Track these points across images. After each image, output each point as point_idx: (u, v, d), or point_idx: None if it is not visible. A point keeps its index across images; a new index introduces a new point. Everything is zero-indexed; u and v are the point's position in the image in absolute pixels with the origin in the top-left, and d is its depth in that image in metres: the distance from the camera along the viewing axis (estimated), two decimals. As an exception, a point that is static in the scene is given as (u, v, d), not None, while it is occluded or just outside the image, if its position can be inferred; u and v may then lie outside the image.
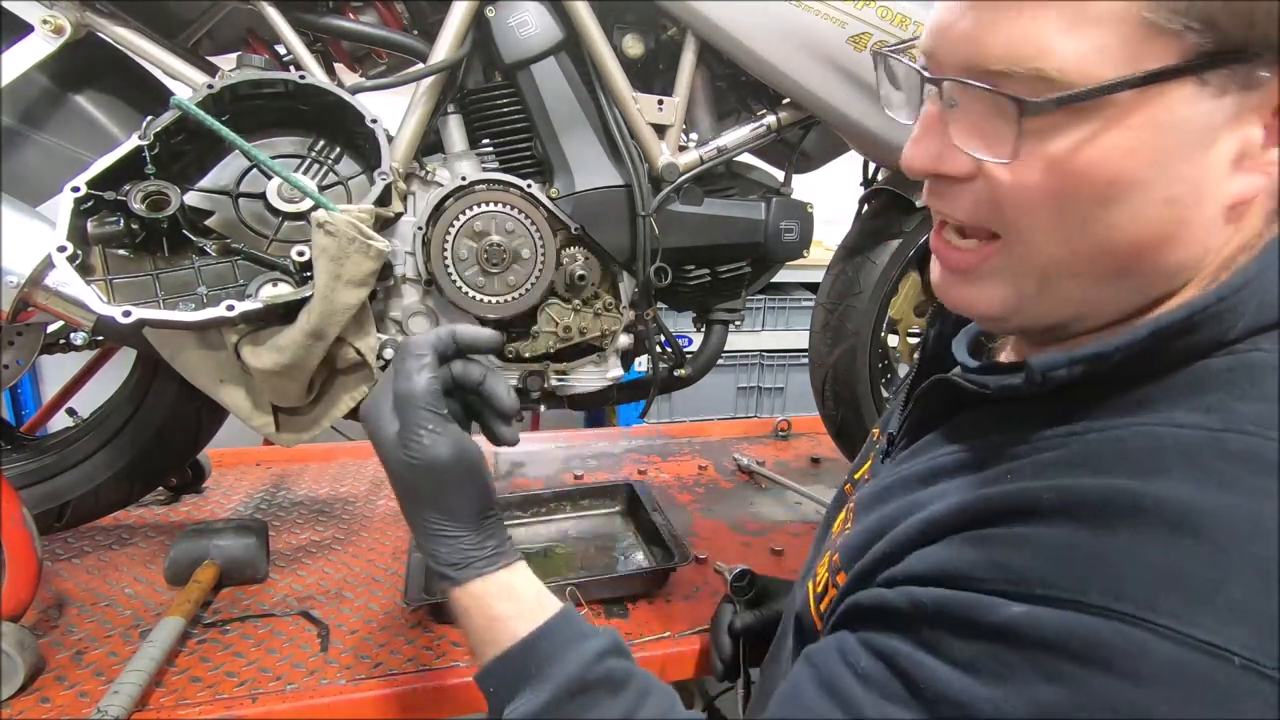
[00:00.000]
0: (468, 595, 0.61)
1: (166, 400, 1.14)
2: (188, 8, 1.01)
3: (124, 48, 0.96)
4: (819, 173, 1.36)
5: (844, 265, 1.28)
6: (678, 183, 1.09)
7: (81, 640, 0.96)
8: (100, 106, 0.99)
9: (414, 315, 1.09)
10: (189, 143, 0.95)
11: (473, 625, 0.61)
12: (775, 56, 1.06)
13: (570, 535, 1.26)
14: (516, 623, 0.59)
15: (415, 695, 0.90)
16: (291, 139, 1.01)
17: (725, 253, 1.17)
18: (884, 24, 1.05)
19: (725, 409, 2.91)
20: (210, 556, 1.06)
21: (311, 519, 1.32)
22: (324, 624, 1.00)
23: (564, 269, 1.10)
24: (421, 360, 0.61)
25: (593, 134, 1.08)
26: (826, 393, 1.32)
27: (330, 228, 0.88)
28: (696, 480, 1.53)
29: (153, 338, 0.94)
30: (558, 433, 1.82)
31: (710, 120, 1.14)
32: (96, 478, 1.14)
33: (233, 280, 0.94)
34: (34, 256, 0.88)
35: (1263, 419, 0.40)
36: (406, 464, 0.61)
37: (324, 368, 0.98)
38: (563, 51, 1.04)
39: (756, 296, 2.12)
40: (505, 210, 1.05)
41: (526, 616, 0.60)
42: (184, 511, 1.34)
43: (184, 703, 0.85)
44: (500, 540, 0.63)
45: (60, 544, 1.19)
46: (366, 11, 1.05)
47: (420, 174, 1.05)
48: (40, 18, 0.90)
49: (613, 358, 1.18)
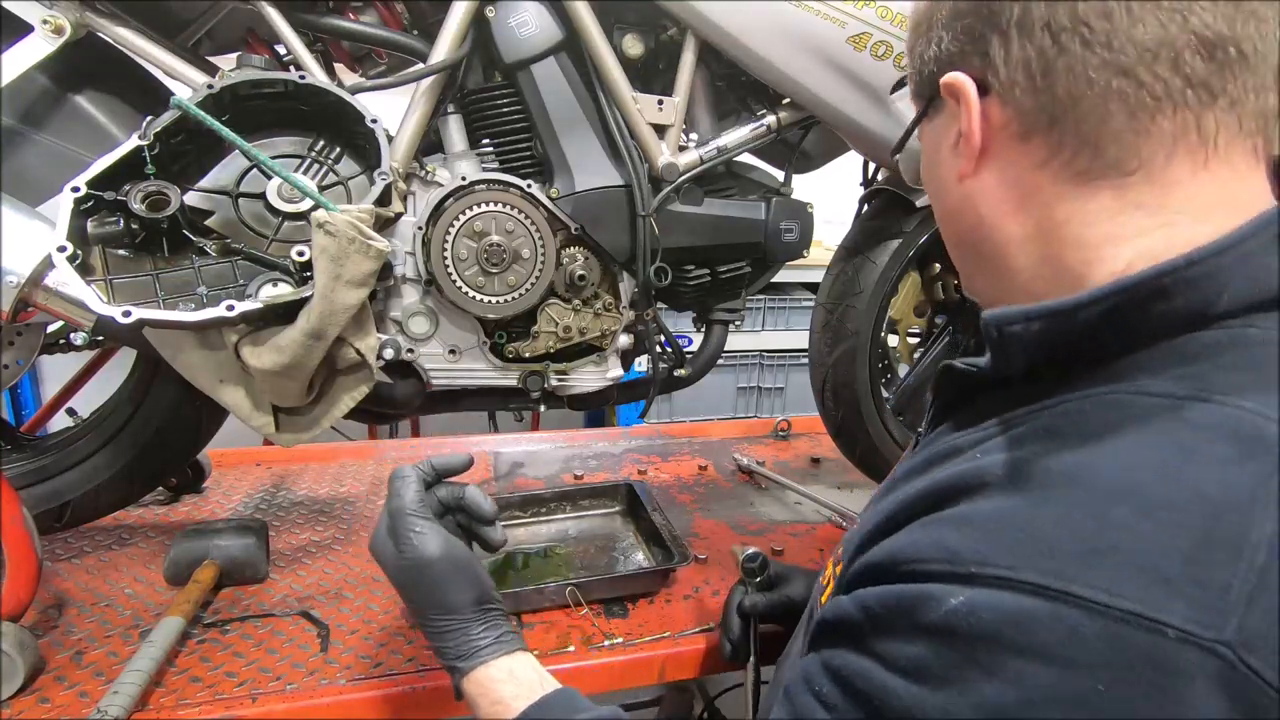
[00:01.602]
0: (473, 683, 0.67)
1: (166, 400, 1.14)
2: (188, 8, 1.01)
3: (124, 48, 0.96)
4: (819, 173, 1.36)
5: (844, 265, 1.28)
6: (678, 183, 1.09)
7: (81, 640, 0.96)
8: (100, 106, 0.99)
9: (414, 315, 1.09)
10: (189, 143, 0.95)
11: (480, 713, 0.67)
12: (775, 56, 1.06)
13: (570, 535, 1.26)
14: (519, 701, 0.65)
15: (415, 695, 0.90)
16: (291, 139, 1.01)
17: (725, 253, 1.17)
18: (884, 24, 1.05)
19: (725, 409, 2.91)
20: (210, 556, 1.06)
21: (311, 519, 1.32)
22: (324, 624, 1.00)
23: (564, 269, 1.10)
24: (406, 481, 0.73)
25: (593, 134, 1.08)
26: (826, 393, 1.32)
27: (330, 228, 0.88)
28: (696, 480, 1.53)
29: (153, 338, 0.94)
30: (558, 433, 1.81)
31: (710, 120, 1.14)
32: (96, 478, 1.14)
33: (233, 280, 0.94)
34: (34, 256, 0.88)
35: (1234, 388, 0.40)
36: (402, 566, 0.70)
37: (324, 368, 0.98)
38: (563, 51, 1.04)
39: (756, 296, 2.12)
40: (505, 210, 1.05)
41: (526, 695, 0.65)
42: (184, 511, 1.34)
43: (184, 703, 0.85)
44: (502, 630, 0.70)
45: (60, 544, 1.19)
46: (366, 11, 1.05)
47: (420, 174, 1.05)
48: (40, 18, 0.90)
49: (613, 358, 1.18)
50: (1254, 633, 0.33)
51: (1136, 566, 0.35)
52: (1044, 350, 0.48)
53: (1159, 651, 0.34)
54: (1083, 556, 0.37)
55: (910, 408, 1.38)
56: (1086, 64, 0.46)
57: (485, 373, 1.14)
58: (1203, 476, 0.37)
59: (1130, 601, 0.35)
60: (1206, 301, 0.44)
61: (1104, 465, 0.39)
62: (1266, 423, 0.38)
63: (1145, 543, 0.36)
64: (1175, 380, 0.42)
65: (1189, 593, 0.34)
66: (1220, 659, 0.33)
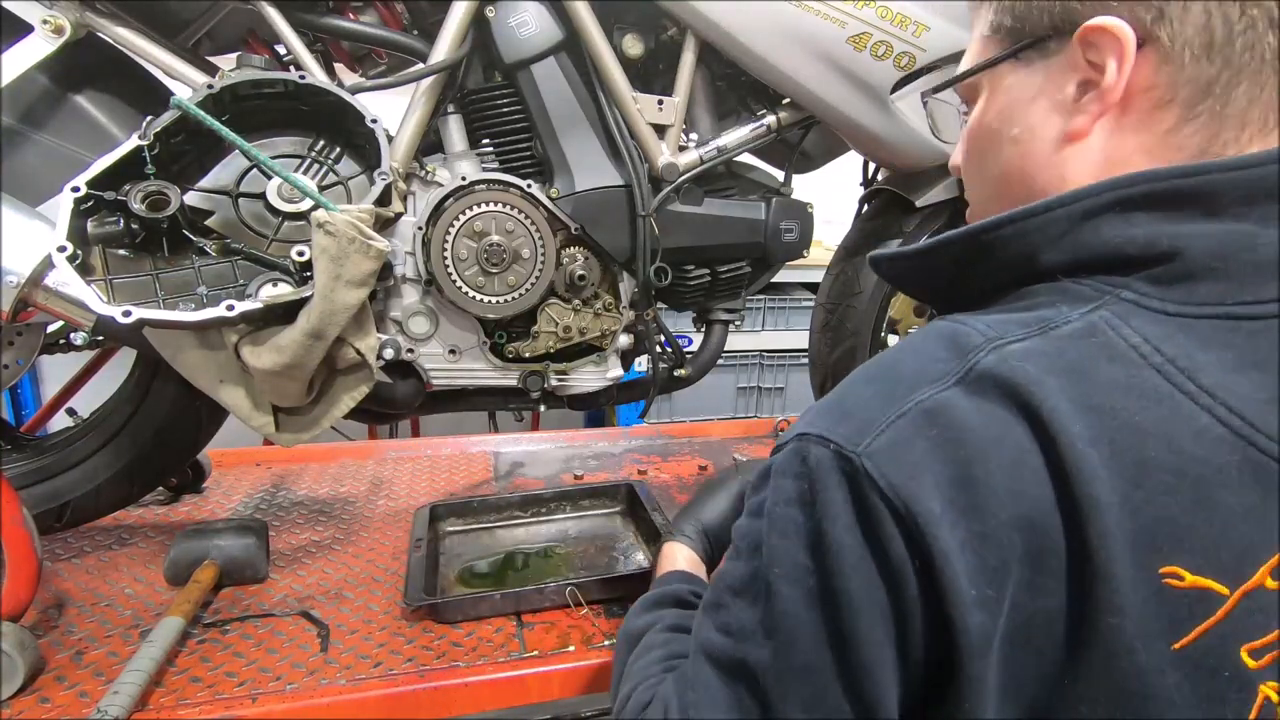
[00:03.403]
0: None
1: (166, 400, 1.14)
2: (188, 8, 1.01)
3: (124, 48, 0.96)
4: (819, 173, 1.36)
5: (844, 265, 1.28)
6: (678, 183, 1.09)
7: (81, 640, 0.96)
8: (100, 106, 0.99)
9: (414, 315, 1.09)
10: (189, 143, 0.95)
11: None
12: (775, 56, 1.06)
13: (570, 535, 1.26)
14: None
15: (415, 695, 0.90)
16: (291, 139, 1.01)
17: (725, 253, 1.16)
18: (884, 24, 1.05)
19: (725, 409, 2.91)
20: (210, 556, 1.06)
21: (311, 519, 1.32)
22: (324, 624, 1.00)
23: (564, 269, 1.10)
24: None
25: (593, 134, 1.08)
26: (826, 393, 1.32)
27: (330, 228, 0.88)
28: (697, 480, 1.53)
29: (153, 338, 0.94)
30: (558, 433, 1.82)
31: (710, 120, 1.14)
32: (96, 478, 1.14)
33: (233, 280, 0.94)
34: (34, 256, 0.88)
35: (988, 321, 0.49)
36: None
37: (324, 368, 0.98)
38: (563, 51, 1.04)
39: (756, 296, 2.12)
40: (505, 210, 1.05)
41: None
42: (184, 511, 1.34)
43: (184, 703, 0.85)
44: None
45: (60, 544, 1.19)
46: (366, 11, 1.05)
47: (420, 174, 1.05)
48: (40, 18, 0.90)
49: (613, 358, 1.18)
50: (878, 450, 0.46)
51: (840, 410, 0.49)
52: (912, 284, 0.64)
53: (824, 458, 0.47)
54: (823, 409, 0.51)
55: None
56: (1266, 45, 0.46)
57: (485, 373, 1.14)
58: (912, 363, 0.49)
59: (819, 429, 0.48)
60: (1022, 252, 0.50)
61: (878, 358, 0.54)
62: (975, 334, 0.48)
63: (854, 397, 0.50)
64: (974, 313, 0.52)
65: (855, 422, 0.47)
66: (850, 462, 0.46)
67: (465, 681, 0.91)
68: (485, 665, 0.94)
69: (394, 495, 1.43)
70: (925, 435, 0.45)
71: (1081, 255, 0.49)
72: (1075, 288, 0.49)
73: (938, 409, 0.46)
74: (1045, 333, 0.47)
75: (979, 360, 0.47)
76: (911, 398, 0.47)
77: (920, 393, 0.47)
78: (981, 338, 0.48)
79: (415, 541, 1.14)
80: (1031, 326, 0.48)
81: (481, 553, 1.21)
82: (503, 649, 0.97)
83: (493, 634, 1.00)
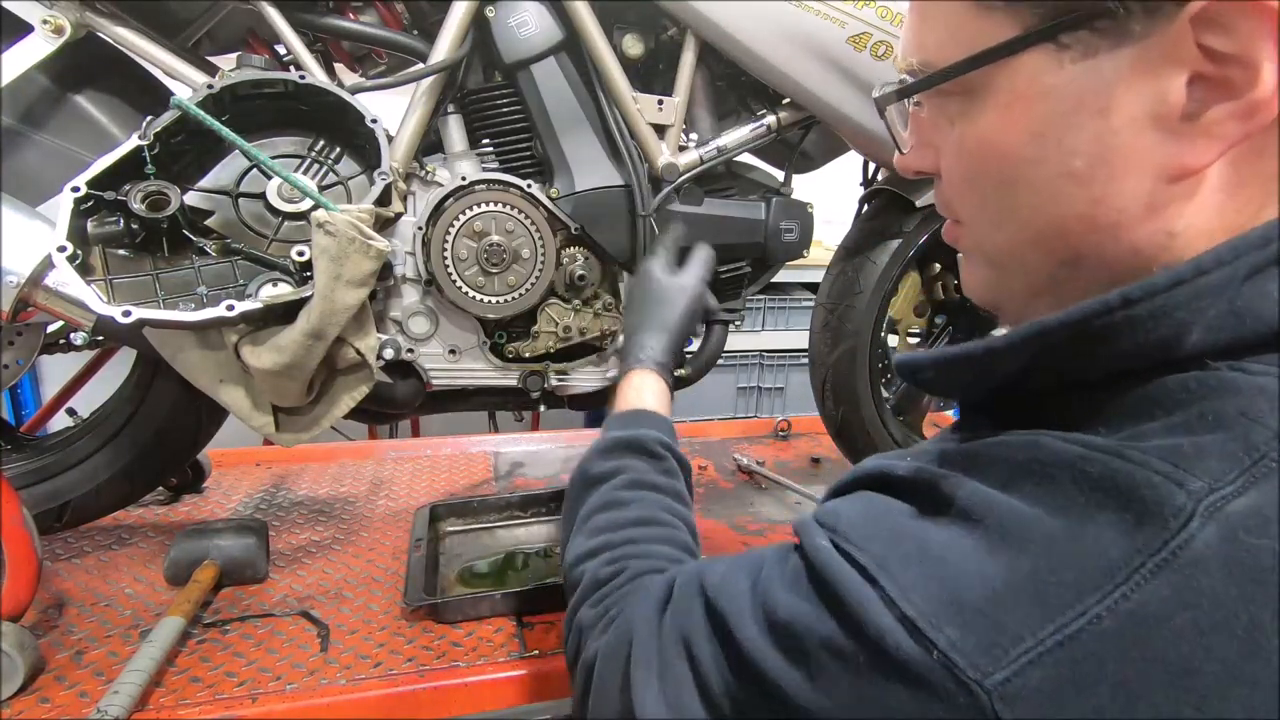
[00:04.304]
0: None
1: (166, 400, 1.14)
2: (188, 8, 1.01)
3: (124, 48, 0.96)
4: (819, 173, 1.36)
5: (844, 265, 1.28)
6: (678, 183, 1.09)
7: (81, 640, 0.96)
8: (100, 106, 0.99)
9: (414, 315, 1.09)
10: (189, 143, 0.95)
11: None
12: (775, 56, 1.06)
13: (570, 535, 1.26)
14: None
15: (415, 695, 0.90)
16: (291, 139, 1.01)
17: (725, 253, 1.16)
18: (884, 24, 1.05)
19: (725, 409, 2.91)
20: (210, 556, 1.06)
21: (311, 519, 1.32)
22: (324, 624, 1.00)
23: (564, 269, 1.10)
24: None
25: (593, 134, 1.08)
26: (826, 393, 1.32)
27: (330, 228, 0.88)
28: (696, 480, 1.53)
29: (153, 338, 0.94)
30: (558, 433, 1.82)
31: (710, 120, 1.14)
32: (96, 478, 1.14)
33: (233, 280, 0.94)
34: (34, 256, 0.88)
35: (1162, 450, 0.33)
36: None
37: (324, 368, 0.98)
38: (563, 51, 1.04)
39: (756, 296, 2.11)
40: (505, 210, 1.05)
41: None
42: (184, 511, 1.34)
43: (184, 703, 0.85)
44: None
45: (60, 544, 1.19)
46: (366, 11, 1.05)
47: (420, 174, 1.05)
48: (40, 18, 0.90)
49: (613, 358, 1.18)
50: (1020, 693, 0.30)
51: (941, 581, 0.34)
52: (965, 391, 0.44)
53: (920, 664, 0.33)
54: (907, 556, 0.36)
55: (910, 408, 1.38)
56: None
57: (485, 373, 1.14)
58: (1074, 532, 0.32)
59: (911, 608, 0.34)
60: (1162, 339, 0.35)
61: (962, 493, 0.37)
62: (1160, 480, 0.32)
63: (966, 565, 0.34)
64: (1101, 432, 0.36)
65: (974, 625, 0.32)
66: (974, 698, 0.31)
67: (465, 681, 0.91)
68: (485, 665, 0.94)
69: (394, 495, 1.43)
70: (1107, 675, 0.30)
71: (1244, 332, 0.35)
72: (1247, 379, 0.34)
73: (1128, 628, 0.30)
74: (1262, 466, 0.31)
75: (1193, 534, 0.30)
76: (1073, 605, 0.31)
77: (1087, 596, 0.31)
78: (1181, 492, 0.31)
79: (415, 541, 1.14)
80: (1238, 458, 0.31)
81: (481, 553, 1.21)
82: (503, 649, 0.97)
83: (493, 634, 1.00)
